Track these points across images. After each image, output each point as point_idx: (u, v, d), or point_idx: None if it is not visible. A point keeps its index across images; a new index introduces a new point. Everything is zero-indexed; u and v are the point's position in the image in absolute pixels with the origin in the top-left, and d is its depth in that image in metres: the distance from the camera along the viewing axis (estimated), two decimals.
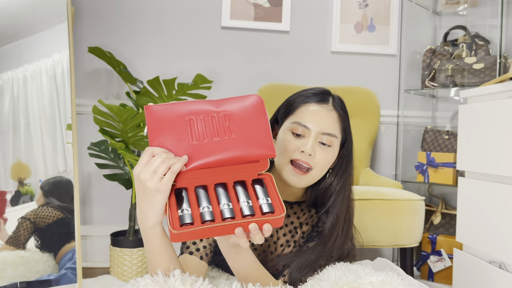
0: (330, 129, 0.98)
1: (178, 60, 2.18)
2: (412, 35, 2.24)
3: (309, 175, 0.97)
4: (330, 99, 1.02)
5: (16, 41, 1.73)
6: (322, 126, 0.98)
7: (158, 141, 0.75)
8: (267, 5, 2.20)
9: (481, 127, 1.35)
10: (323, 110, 0.99)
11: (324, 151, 0.98)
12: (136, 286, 0.79)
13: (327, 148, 0.98)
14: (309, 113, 0.98)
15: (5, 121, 1.70)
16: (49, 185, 1.76)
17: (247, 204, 0.74)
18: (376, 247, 1.65)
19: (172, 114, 0.77)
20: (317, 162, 0.97)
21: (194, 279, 0.78)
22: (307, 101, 1.00)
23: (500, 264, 1.26)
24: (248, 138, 0.77)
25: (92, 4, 2.13)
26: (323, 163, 0.98)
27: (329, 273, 0.87)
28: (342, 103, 1.05)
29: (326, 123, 0.98)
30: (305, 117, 0.98)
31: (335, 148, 1.00)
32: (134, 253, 1.88)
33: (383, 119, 2.25)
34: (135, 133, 1.75)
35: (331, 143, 0.99)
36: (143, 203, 0.73)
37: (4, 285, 1.58)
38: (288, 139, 0.98)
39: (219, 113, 0.78)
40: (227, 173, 0.77)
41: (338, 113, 1.02)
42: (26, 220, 1.68)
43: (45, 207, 1.72)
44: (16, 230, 1.66)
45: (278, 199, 0.76)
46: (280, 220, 0.73)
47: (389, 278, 0.83)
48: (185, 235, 0.70)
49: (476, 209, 1.38)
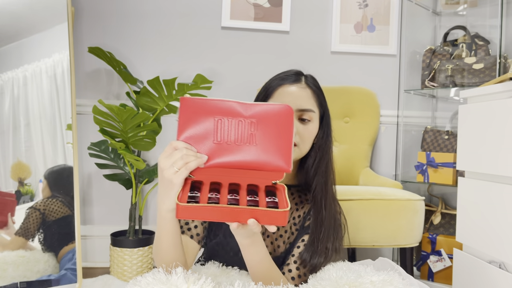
0: (307, 105, 1.05)
1: (178, 60, 2.19)
2: (412, 35, 2.25)
3: (295, 149, 1.03)
4: (302, 78, 1.09)
5: (17, 41, 1.73)
6: (299, 103, 1.04)
7: (185, 135, 0.80)
8: (267, 5, 2.20)
9: (481, 127, 1.36)
10: (298, 89, 1.06)
11: (305, 127, 1.04)
12: (138, 285, 0.79)
13: (307, 123, 1.05)
14: (286, 93, 1.05)
15: (5, 121, 1.70)
16: (54, 175, 1.76)
17: (253, 198, 0.77)
18: (376, 247, 1.65)
19: (204, 110, 0.80)
20: (300, 138, 1.03)
21: (196, 277, 0.78)
22: (282, 83, 1.07)
23: (500, 264, 1.27)
24: (269, 148, 0.80)
25: (92, 4, 2.13)
26: (306, 137, 1.04)
27: (330, 273, 0.87)
28: (315, 80, 1.12)
29: (302, 100, 1.05)
30: (283, 98, 1.04)
31: (315, 122, 1.07)
32: (134, 253, 1.88)
33: (383, 119, 2.25)
34: (135, 133, 1.75)
35: (310, 117, 1.05)
36: (160, 187, 0.80)
37: (5, 285, 1.57)
38: None
39: (247, 118, 0.81)
40: (243, 176, 0.82)
41: (312, 90, 1.08)
42: (36, 211, 1.68)
43: (55, 200, 1.73)
44: (25, 221, 1.66)
45: (285, 202, 0.77)
46: (283, 214, 0.74)
47: (390, 278, 0.83)
48: (190, 211, 0.73)
49: (476, 209, 1.38)
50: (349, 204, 1.57)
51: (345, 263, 1.02)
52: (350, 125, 2.14)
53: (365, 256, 2.23)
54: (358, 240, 1.59)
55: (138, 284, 0.79)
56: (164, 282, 0.76)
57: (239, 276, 1.01)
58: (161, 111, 1.86)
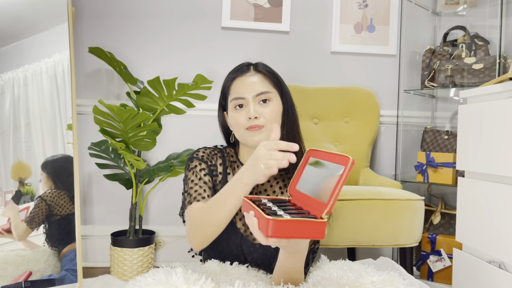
0: (261, 88, 1.10)
1: (178, 60, 2.19)
2: (412, 35, 2.25)
3: (264, 129, 1.09)
4: (251, 67, 1.16)
5: (17, 42, 1.73)
6: (253, 89, 1.10)
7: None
8: (267, 5, 2.20)
9: (481, 127, 1.36)
10: (248, 78, 1.12)
11: (266, 107, 1.10)
12: (137, 285, 0.79)
13: (268, 104, 1.10)
14: (238, 86, 1.12)
15: (6, 121, 1.70)
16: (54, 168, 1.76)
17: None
18: (376, 247, 1.65)
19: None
20: (266, 119, 1.09)
21: (196, 277, 0.79)
22: (233, 78, 1.14)
23: (500, 264, 1.27)
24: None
25: (92, 4, 2.13)
26: (271, 116, 1.10)
27: (331, 272, 0.88)
28: (265, 65, 1.18)
29: (255, 86, 1.11)
30: (238, 91, 1.11)
31: (275, 101, 1.12)
32: (135, 253, 1.88)
33: (382, 119, 2.25)
34: (136, 133, 1.76)
35: (269, 98, 1.11)
36: (250, 168, 0.93)
37: (8, 284, 1.58)
38: (235, 115, 1.11)
39: None
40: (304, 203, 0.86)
41: (262, 74, 1.14)
42: (42, 201, 1.69)
43: (63, 194, 1.73)
44: (33, 210, 1.68)
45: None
46: (320, 226, 0.73)
47: (391, 278, 0.84)
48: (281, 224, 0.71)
49: (476, 209, 1.38)
50: (349, 204, 1.57)
51: (346, 262, 1.02)
52: (350, 125, 2.14)
53: (365, 256, 2.23)
54: (358, 240, 1.59)
55: (138, 284, 0.79)
56: (164, 282, 0.76)
57: (238, 274, 1.02)
58: (161, 111, 1.86)
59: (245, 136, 1.10)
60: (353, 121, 2.14)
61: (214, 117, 2.20)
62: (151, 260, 1.97)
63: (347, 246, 1.67)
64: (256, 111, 1.08)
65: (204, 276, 0.79)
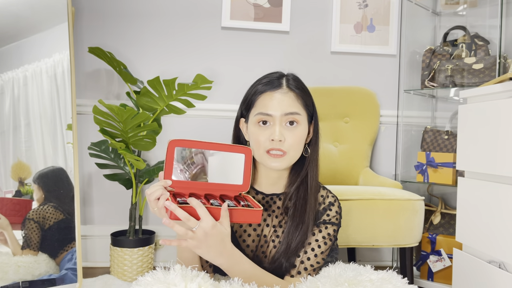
0: (291, 109, 1.03)
1: (178, 60, 2.19)
2: (412, 35, 2.25)
3: (286, 156, 1.03)
4: (283, 82, 1.07)
5: (17, 41, 1.74)
6: (283, 108, 1.02)
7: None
8: (267, 5, 2.20)
9: (481, 127, 1.36)
10: (280, 95, 1.04)
11: (292, 132, 1.03)
12: (139, 285, 0.80)
13: (295, 127, 1.03)
14: (267, 100, 1.04)
15: (6, 121, 1.70)
16: (46, 179, 1.76)
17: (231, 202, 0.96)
18: (376, 247, 1.65)
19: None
20: (289, 144, 1.02)
21: (194, 274, 0.79)
22: (263, 91, 1.05)
23: (500, 264, 1.27)
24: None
25: (92, 4, 2.13)
26: (296, 143, 1.04)
27: (329, 270, 0.88)
28: (297, 81, 1.09)
29: (285, 105, 1.03)
30: (266, 106, 1.03)
31: (303, 125, 1.05)
32: (135, 253, 1.88)
33: (383, 119, 2.25)
34: (135, 133, 1.76)
35: (297, 120, 1.04)
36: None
37: (6, 284, 1.58)
38: (257, 131, 1.04)
39: None
40: (215, 190, 0.99)
41: (294, 93, 1.05)
42: (30, 221, 1.68)
43: (46, 207, 1.72)
44: (26, 232, 1.66)
45: (257, 204, 0.95)
46: (257, 213, 0.93)
47: (389, 276, 0.84)
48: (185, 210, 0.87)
49: (476, 209, 1.38)
50: (349, 204, 1.57)
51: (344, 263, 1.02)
52: (350, 125, 2.14)
53: (365, 255, 2.23)
54: (358, 240, 1.59)
55: (139, 284, 0.80)
56: (162, 281, 0.77)
57: None
58: (161, 111, 1.87)
59: (264, 159, 1.04)
60: (353, 121, 2.14)
61: (214, 117, 2.21)
62: (151, 260, 1.97)
63: (347, 246, 1.67)
64: (281, 134, 1.01)
65: (202, 273, 0.79)
